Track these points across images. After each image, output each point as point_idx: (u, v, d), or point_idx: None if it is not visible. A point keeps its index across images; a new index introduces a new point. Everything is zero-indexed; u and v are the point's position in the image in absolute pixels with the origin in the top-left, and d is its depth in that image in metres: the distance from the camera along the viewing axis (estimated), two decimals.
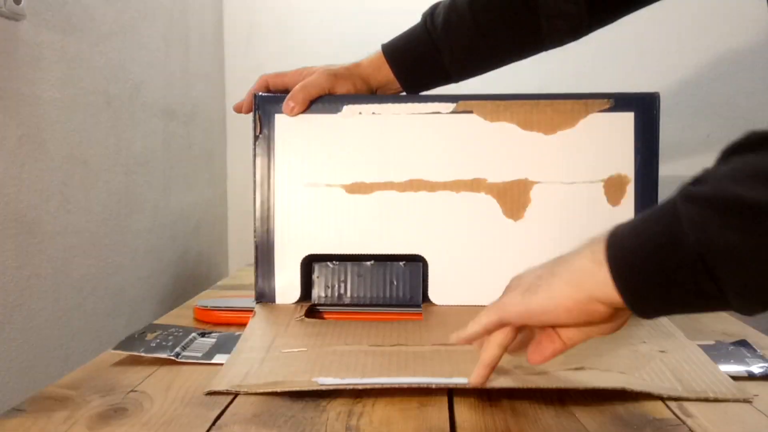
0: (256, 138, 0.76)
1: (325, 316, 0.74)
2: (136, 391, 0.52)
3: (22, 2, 0.76)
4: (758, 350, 0.60)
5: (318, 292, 0.75)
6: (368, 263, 0.75)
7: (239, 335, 0.65)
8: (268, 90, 0.78)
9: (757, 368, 0.55)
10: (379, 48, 0.79)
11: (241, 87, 0.77)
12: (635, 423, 0.46)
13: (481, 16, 0.73)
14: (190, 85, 1.28)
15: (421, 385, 0.51)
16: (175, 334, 0.65)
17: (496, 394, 0.51)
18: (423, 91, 0.79)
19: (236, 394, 0.51)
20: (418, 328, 0.66)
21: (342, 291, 0.75)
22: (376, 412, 0.48)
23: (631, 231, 0.41)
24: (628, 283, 0.40)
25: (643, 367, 0.55)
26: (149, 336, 0.64)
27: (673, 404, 0.49)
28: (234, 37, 1.51)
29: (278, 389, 0.51)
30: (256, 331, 0.66)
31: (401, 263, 0.75)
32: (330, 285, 0.75)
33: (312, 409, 0.48)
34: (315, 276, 0.75)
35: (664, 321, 0.66)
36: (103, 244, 0.95)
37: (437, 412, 0.48)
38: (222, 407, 0.49)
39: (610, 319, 0.44)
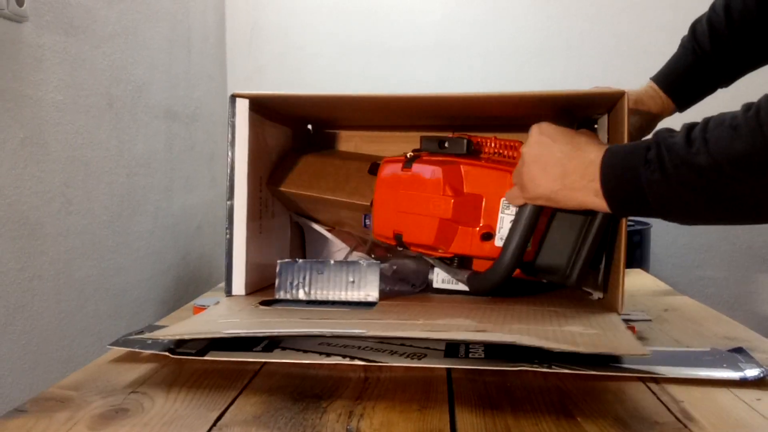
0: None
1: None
2: (137, 392, 0.53)
3: (25, 4, 0.76)
4: (754, 356, 0.59)
5: (279, 287, 0.77)
6: (331, 261, 0.76)
7: None
8: None
9: (750, 373, 0.55)
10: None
11: (242, 88, 0.77)
12: (636, 427, 0.46)
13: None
14: (192, 86, 1.28)
15: (324, 333, 0.56)
16: None
17: (497, 398, 0.51)
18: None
19: (236, 396, 0.51)
20: (357, 313, 0.68)
21: (303, 287, 0.76)
22: (376, 415, 0.48)
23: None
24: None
25: (553, 336, 0.54)
26: (146, 334, 0.65)
27: (674, 408, 0.49)
28: (236, 38, 1.51)
29: (191, 336, 0.58)
30: (209, 311, 0.69)
31: (362, 262, 0.76)
32: (291, 281, 0.76)
33: (312, 411, 0.48)
34: (277, 271, 0.77)
35: (613, 317, 0.65)
36: (104, 245, 0.95)
37: (438, 414, 0.48)
38: (223, 408, 0.49)
39: None
